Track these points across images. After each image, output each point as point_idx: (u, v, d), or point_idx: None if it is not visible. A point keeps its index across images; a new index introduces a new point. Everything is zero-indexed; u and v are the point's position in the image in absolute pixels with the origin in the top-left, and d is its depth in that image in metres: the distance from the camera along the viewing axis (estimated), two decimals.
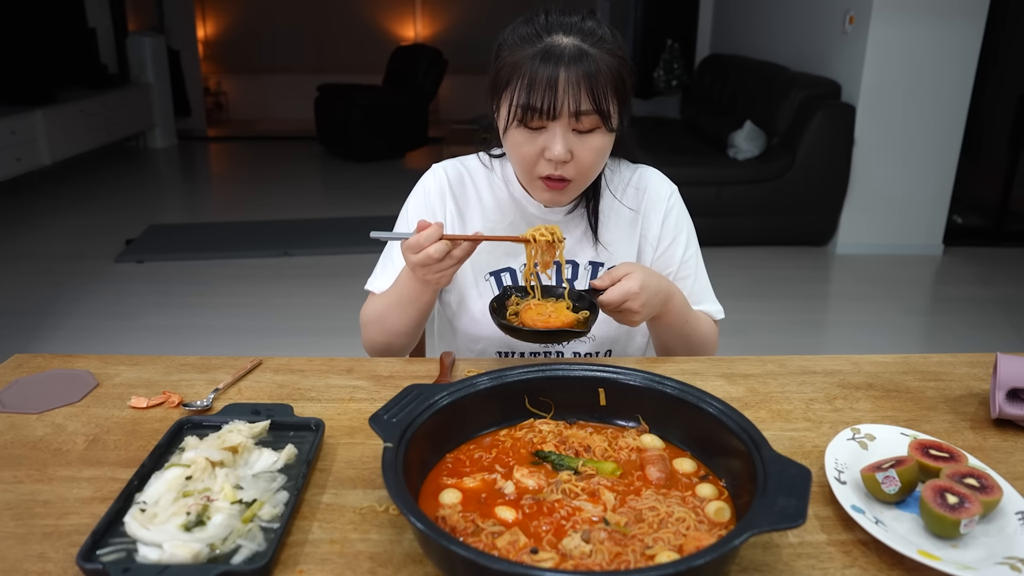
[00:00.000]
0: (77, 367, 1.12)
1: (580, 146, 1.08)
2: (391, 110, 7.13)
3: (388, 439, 0.75)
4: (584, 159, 1.09)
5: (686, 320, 1.20)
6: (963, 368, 1.15)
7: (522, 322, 1.07)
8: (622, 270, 1.10)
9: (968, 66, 4.23)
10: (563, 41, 1.04)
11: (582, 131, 1.07)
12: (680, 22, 7.56)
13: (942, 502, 0.75)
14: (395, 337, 1.21)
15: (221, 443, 0.85)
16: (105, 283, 3.97)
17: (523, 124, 1.07)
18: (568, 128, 1.06)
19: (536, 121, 1.06)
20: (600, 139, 1.09)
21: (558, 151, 1.06)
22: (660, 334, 1.23)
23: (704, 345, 1.26)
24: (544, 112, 1.04)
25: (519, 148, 1.10)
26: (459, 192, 1.27)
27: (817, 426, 0.98)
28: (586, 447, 0.86)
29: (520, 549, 0.69)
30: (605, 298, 1.08)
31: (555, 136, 1.06)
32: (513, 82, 1.05)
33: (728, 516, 0.75)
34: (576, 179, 1.12)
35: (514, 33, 1.08)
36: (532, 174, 1.12)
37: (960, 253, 4.59)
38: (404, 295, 1.16)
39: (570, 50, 1.03)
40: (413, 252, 1.03)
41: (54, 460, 0.89)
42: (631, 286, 1.07)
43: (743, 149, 4.63)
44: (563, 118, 1.05)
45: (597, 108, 1.04)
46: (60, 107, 5.90)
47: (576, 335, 1.03)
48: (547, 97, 1.03)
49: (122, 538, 0.72)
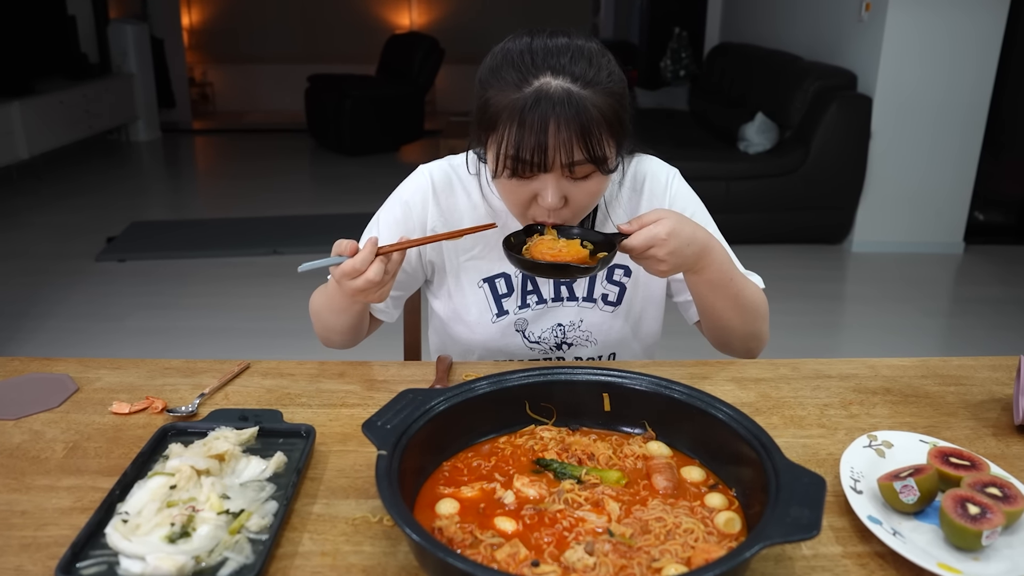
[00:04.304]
0: (56, 371, 1.12)
1: (575, 191, 1.05)
2: (385, 101, 7.13)
3: (382, 446, 0.75)
4: (580, 202, 1.07)
5: (731, 278, 1.14)
6: (985, 372, 1.15)
7: (531, 254, 1.04)
8: (653, 215, 1.06)
9: (990, 55, 4.23)
10: (552, 86, 1.00)
11: (576, 178, 1.04)
12: (688, 9, 7.57)
13: (963, 512, 0.75)
14: (333, 335, 1.24)
15: (207, 451, 0.85)
16: (85, 283, 3.97)
17: (515, 175, 1.04)
18: (561, 176, 1.03)
19: (528, 173, 1.03)
20: (596, 183, 1.06)
21: (551, 202, 1.04)
22: (704, 294, 1.18)
23: (757, 309, 1.20)
24: (535, 166, 1.01)
25: (510, 195, 1.08)
26: (445, 197, 1.25)
27: (832, 433, 0.98)
28: (590, 455, 0.86)
29: (520, 562, 0.69)
30: (629, 242, 1.04)
31: (547, 186, 1.03)
32: (500, 129, 1.02)
33: (738, 527, 0.75)
34: (571, 219, 1.10)
35: (498, 72, 1.04)
36: (525, 216, 1.10)
37: (982, 251, 4.59)
38: (335, 304, 1.17)
39: (559, 96, 0.99)
40: (350, 278, 1.02)
41: (32, 468, 0.89)
42: (658, 231, 1.03)
43: (754, 142, 4.63)
44: (555, 170, 1.02)
45: (591, 157, 1.01)
46: (38, 98, 5.90)
47: (583, 271, 1.01)
48: (537, 153, 1.00)
49: (103, 550, 0.72)
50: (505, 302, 1.26)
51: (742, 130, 4.74)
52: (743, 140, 4.71)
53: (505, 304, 1.26)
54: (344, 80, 7.26)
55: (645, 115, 6.24)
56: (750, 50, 5.75)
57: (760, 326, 1.22)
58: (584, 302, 1.27)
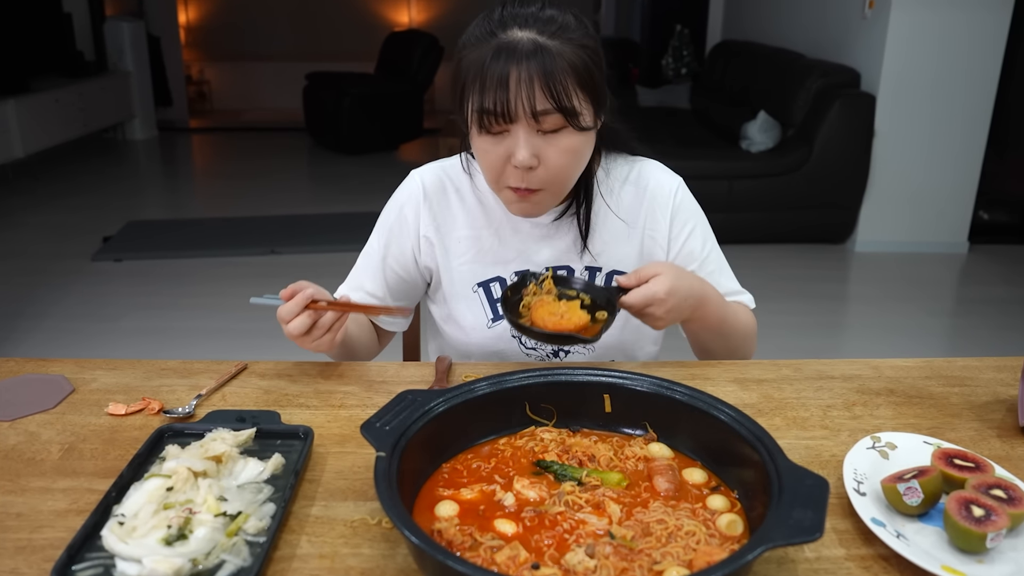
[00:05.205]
0: (52, 372, 1.12)
1: (547, 148, 1.04)
2: (384, 99, 7.13)
3: (381, 448, 0.75)
4: (553, 163, 1.05)
5: (723, 319, 1.18)
6: (989, 373, 1.15)
7: (532, 320, 1.05)
8: (651, 270, 1.07)
9: (995, 53, 4.23)
10: (518, 35, 1.01)
11: (547, 131, 1.04)
12: (690, 6, 7.57)
13: (967, 515, 0.75)
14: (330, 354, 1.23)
15: (204, 452, 0.85)
16: (81, 283, 3.97)
17: (484, 130, 1.04)
18: (532, 130, 1.03)
19: (496, 126, 1.03)
20: (569, 139, 1.05)
21: (521, 156, 1.03)
22: (695, 333, 1.22)
23: (744, 341, 1.23)
24: (499, 115, 1.01)
25: (485, 156, 1.08)
26: (438, 201, 1.25)
27: (835, 434, 0.98)
28: (590, 456, 0.86)
29: (520, 564, 0.69)
30: (628, 300, 1.06)
31: (518, 140, 1.03)
32: (469, 85, 1.03)
33: (741, 529, 0.75)
34: (548, 187, 1.08)
35: (469, 36, 1.06)
36: (500, 184, 1.09)
37: (986, 251, 4.59)
38: None
39: (524, 45, 1.00)
40: (283, 323, 1.06)
41: (27, 470, 0.89)
42: (657, 290, 1.05)
43: (756, 141, 4.63)
44: (521, 120, 1.02)
45: (558, 106, 1.01)
46: (34, 96, 5.89)
47: (586, 342, 1.02)
48: (499, 98, 1.00)
49: (99, 553, 0.72)
50: (500, 306, 1.25)
51: (744, 128, 4.74)
52: (745, 138, 4.71)
53: (500, 308, 1.25)
54: (342, 78, 7.26)
55: (646, 113, 6.24)
56: (752, 48, 5.75)
57: (747, 348, 1.26)
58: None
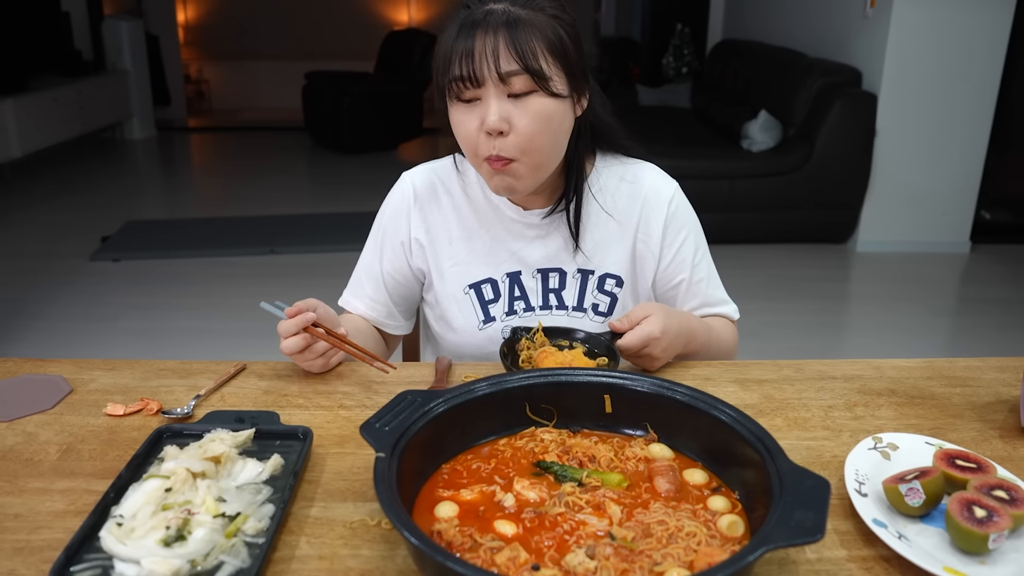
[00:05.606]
0: (50, 372, 1.12)
1: (517, 113, 1.05)
2: (384, 99, 7.13)
3: (380, 449, 0.75)
4: (524, 128, 1.05)
5: (708, 345, 1.23)
6: (992, 373, 1.15)
7: None
8: (641, 312, 1.10)
9: (997, 52, 4.23)
10: (490, 7, 1.05)
11: (518, 95, 1.05)
12: (691, 5, 7.56)
13: (969, 516, 0.75)
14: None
15: (203, 453, 0.85)
16: (79, 283, 3.97)
17: (456, 97, 1.07)
18: (502, 94, 1.05)
19: (466, 91, 1.05)
20: (540, 103, 1.05)
21: (492, 119, 1.04)
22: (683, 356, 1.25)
23: (727, 353, 1.29)
24: (466, 78, 1.03)
25: (460, 127, 1.09)
26: (428, 202, 1.26)
27: (836, 435, 0.98)
28: (591, 457, 0.86)
29: (521, 566, 0.69)
30: (624, 342, 1.09)
31: (488, 104, 1.05)
32: (441, 59, 1.07)
33: (742, 530, 0.75)
34: (521, 157, 1.08)
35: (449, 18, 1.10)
36: (478, 157, 1.10)
37: (988, 251, 4.59)
38: None
39: (495, 13, 1.04)
40: (280, 336, 1.08)
41: (25, 471, 0.89)
42: (652, 329, 1.08)
43: (757, 140, 4.63)
44: (489, 84, 1.04)
45: (525, 66, 1.02)
46: (31, 95, 5.89)
47: None
48: (466, 60, 1.03)
49: (97, 554, 0.72)
50: (492, 308, 1.25)
51: (745, 128, 4.74)
52: (746, 138, 4.71)
53: (492, 310, 1.25)
54: (342, 77, 7.26)
55: (647, 112, 6.24)
56: (753, 47, 5.75)
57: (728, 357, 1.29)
58: (574, 311, 1.26)
